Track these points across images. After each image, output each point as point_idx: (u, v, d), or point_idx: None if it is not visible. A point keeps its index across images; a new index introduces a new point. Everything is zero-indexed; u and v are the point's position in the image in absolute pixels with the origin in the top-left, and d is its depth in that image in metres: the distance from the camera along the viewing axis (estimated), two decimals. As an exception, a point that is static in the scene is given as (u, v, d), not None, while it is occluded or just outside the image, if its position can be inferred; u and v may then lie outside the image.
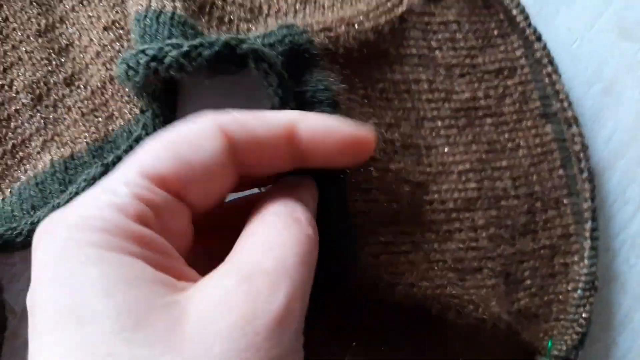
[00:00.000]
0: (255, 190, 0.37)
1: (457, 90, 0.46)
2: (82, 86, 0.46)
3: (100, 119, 0.46)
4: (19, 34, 0.47)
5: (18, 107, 0.46)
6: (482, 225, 0.43)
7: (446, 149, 0.43)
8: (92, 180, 0.42)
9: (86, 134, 0.45)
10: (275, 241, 0.23)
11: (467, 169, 0.43)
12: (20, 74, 0.46)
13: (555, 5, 0.51)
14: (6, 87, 0.46)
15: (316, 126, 0.27)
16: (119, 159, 0.43)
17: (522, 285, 0.44)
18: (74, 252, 0.20)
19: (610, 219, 0.49)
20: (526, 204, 0.45)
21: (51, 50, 0.46)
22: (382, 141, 0.40)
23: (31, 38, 0.46)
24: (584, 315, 0.44)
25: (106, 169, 0.42)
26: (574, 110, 0.46)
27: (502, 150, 0.45)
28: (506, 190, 0.44)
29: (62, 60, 0.46)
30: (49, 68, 0.46)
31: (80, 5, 0.47)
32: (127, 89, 0.45)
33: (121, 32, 0.46)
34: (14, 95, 0.46)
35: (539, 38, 0.46)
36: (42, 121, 0.46)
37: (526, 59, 0.47)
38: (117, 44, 0.46)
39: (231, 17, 0.45)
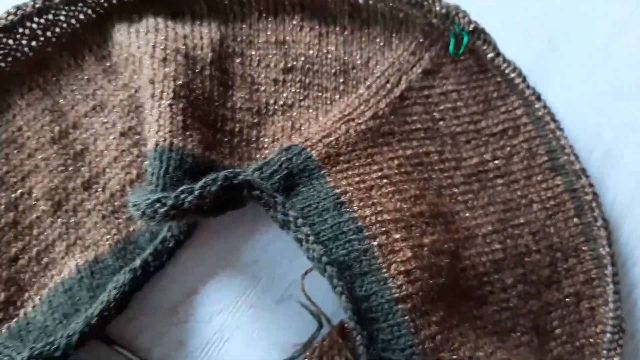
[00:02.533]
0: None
1: (465, 156, 0.48)
2: (100, 190, 0.47)
3: (120, 220, 0.46)
4: (34, 142, 0.47)
5: (39, 214, 0.46)
6: (511, 284, 0.44)
7: (467, 214, 0.45)
8: (122, 287, 0.42)
9: (108, 236, 0.46)
10: None
11: (489, 230, 0.45)
12: (38, 181, 0.46)
13: (550, 75, 0.53)
14: (25, 195, 0.46)
15: None
16: (146, 263, 0.43)
17: (553, 335, 0.45)
18: None
19: (621, 279, 0.49)
20: (548, 256, 0.46)
21: (67, 156, 0.47)
22: (410, 216, 0.41)
23: (46, 145, 0.47)
24: (615, 358, 0.45)
25: (134, 275, 0.43)
26: (581, 163, 0.48)
27: (517, 208, 0.47)
28: (528, 247, 0.45)
29: (79, 165, 0.47)
30: (66, 174, 0.47)
31: (93, 111, 0.48)
32: None
33: (137, 137, 0.47)
34: (34, 202, 0.46)
35: (538, 98, 0.49)
36: (64, 226, 0.46)
37: (528, 117, 0.49)
38: (135, 149, 0.47)
39: (240, 126, 0.47)
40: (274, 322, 0.47)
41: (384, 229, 0.40)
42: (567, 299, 0.46)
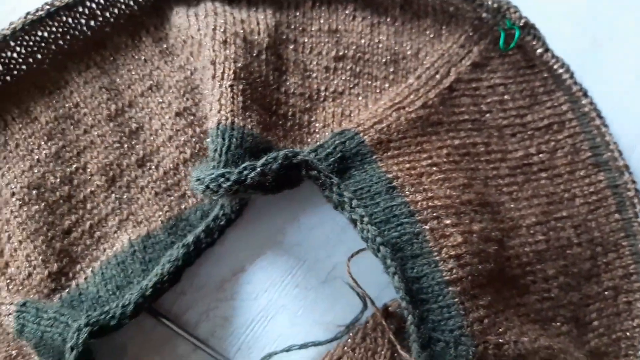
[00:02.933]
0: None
1: (510, 149, 0.49)
2: (153, 167, 0.48)
3: (173, 197, 0.47)
4: (90, 118, 0.48)
5: (93, 189, 0.47)
6: (552, 275, 0.45)
7: (512, 205, 0.46)
8: (176, 261, 0.43)
9: (160, 213, 0.47)
10: None
11: (533, 222, 0.45)
12: (93, 157, 0.48)
13: (593, 73, 0.53)
14: (80, 170, 0.47)
15: None
16: (198, 239, 0.44)
17: (591, 327, 0.46)
18: None
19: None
20: (588, 249, 0.47)
21: (122, 134, 0.48)
22: (460, 203, 0.42)
23: (102, 122, 0.48)
24: None
25: (187, 250, 0.44)
26: (625, 159, 0.49)
27: (560, 201, 0.48)
28: (570, 239, 0.46)
29: (133, 143, 0.48)
30: (121, 151, 0.48)
31: (150, 91, 0.49)
32: None
33: (192, 118, 0.49)
34: (89, 177, 0.47)
35: (585, 94, 0.49)
36: (117, 201, 0.47)
37: (573, 113, 0.50)
38: (190, 129, 0.48)
39: (293, 110, 0.48)
40: (319, 302, 0.48)
41: (435, 214, 0.40)
42: (606, 293, 0.47)
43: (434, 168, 0.44)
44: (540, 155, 0.49)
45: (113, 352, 0.46)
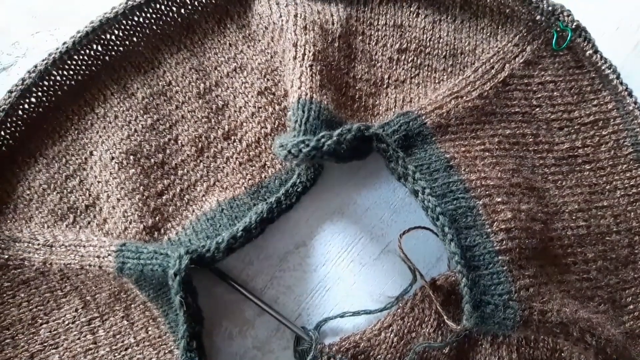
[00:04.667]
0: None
1: (557, 141, 0.53)
2: (237, 140, 0.54)
3: (254, 167, 0.53)
4: (181, 95, 0.55)
5: (184, 158, 0.53)
6: (592, 258, 0.49)
7: (556, 192, 0.50)
8: (261, 214, 0.49)
9: (243, 180, 0.53)
10: None
11: (575, 209, 0.50)
12: (184, 129, 0.54)
13: (635, 78, 0.55)
14: (172, 141, 0.54)
15: None
16: (279, 199, 0.50)
17: (626, 310, 0.50)
18: None
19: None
20: (626, 238, 0.51)
21: (210, 110, 0.54)
22: (510, 185, 0.47)
23: (192, 99, 0.55)
24: None
25: (270, 207, 0.50)
26: (665, 156, 0.53)
27: (602, 192, 0.52)
28: (609, 227, 0.50)
29: (219, 118, 0.54)
30: (209, 125, 0.54)
31: (234, 72, 0.55)
32: None
33: (272, 96, 0.54)
34: (180, 147, 0.54)
35: (630, 94, 0.53)
36: (205, 169, 0.53)
37: (617, 111, 0.54)
38: (270, 107, 0.54)
39: (360, 94, 0.54)
40: (371, 276, 0.52)
41: (487, 192, 0.45)
42: None
43: (487, 153, 0.49)
44: (585, 149, 0.53)
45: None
